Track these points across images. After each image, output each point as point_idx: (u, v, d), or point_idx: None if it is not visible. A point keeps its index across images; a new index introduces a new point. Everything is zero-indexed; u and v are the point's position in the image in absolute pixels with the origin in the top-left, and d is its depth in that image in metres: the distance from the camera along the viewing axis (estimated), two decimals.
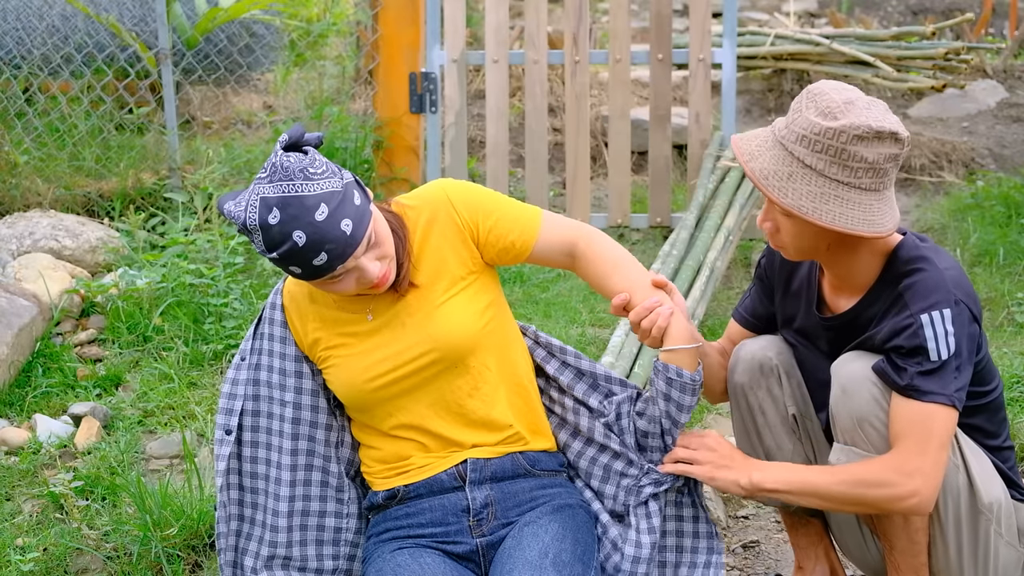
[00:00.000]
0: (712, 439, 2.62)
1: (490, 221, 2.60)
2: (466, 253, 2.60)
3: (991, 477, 2.60)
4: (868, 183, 2.44)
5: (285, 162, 2.40)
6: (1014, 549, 2.63)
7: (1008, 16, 9.64)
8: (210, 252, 5.11)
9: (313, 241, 2.38)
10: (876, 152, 2.42)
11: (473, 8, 8.75)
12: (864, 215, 2.44)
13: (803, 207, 2.44)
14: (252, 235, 2.42)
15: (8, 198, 5.86)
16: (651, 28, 6.10)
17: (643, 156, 6.84)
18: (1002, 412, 2.70)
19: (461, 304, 2.58)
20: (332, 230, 2.39)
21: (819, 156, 2.43)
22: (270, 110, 7.38)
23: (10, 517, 3.48)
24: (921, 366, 2.46)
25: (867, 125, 2.40)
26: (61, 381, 4.36)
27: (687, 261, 4.77)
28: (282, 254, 2.40)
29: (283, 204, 2.38)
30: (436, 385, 2.58)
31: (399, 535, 2.60)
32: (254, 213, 2.40)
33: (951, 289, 2.48)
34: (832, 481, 2.52)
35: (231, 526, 2.68)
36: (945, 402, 2.46)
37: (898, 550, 2.61)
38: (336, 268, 2.42)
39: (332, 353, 2.61)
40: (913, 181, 6.97)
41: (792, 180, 2.45)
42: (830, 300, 2.69)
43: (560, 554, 2.46)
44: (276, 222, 2.38)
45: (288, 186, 2.39)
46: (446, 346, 2.55)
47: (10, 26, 6.88)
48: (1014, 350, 4.50)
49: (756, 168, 2.48)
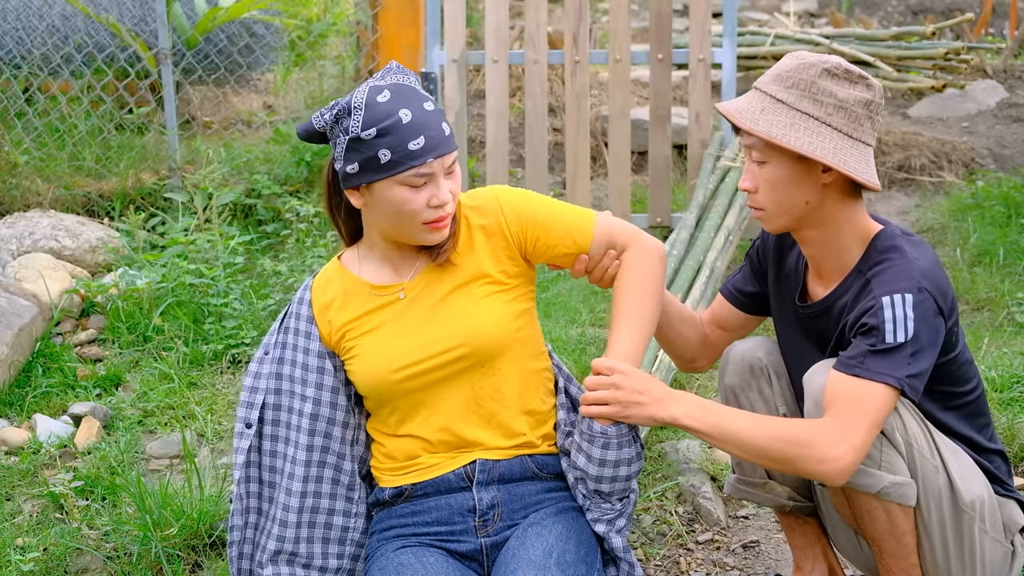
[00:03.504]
0: (619, 376, 2.52)
1: (539, 231, 2.61)
2: (508, 261, 2.61)
3: (971, 475, 2.60)
4: (839, 123, 2.49)
5: (398, 67, 2.54)
6: (999, 544, 2.64)
7: (1008, 16, 9.64)
8: (210, 252, 5.11)
9: (418, 122, 2.44)
10: (847, 92, 2.49)
11: (473, 8, 8.75)
12: (836, 151, 2.48)
13: (772, 133, 2.48)
14: (350, 116, 2.45)
15: (8, 198, 5.86)
16: (651, 28, 6.10)
17: (643, 156, 6.85)
18: (984, 415, 2.69)
19: (498, 305, 2.58)
20: (436, 121, 2.46)
21: (790, 91, 2.50)
22: (270, 110, 7.38)
23: (10, 517, 3.48)
24: (874, 346, 2.46)
25: (836, 62, 2.50)
26: (61, 381, 4.36)
27: (687, 261, 4.77)
28: (381, 129, 2.43)
29: (395, 88, 2.47)
30: (459, 382, 2.57)
31: (403, 533, 2.60)
32: (362, 95, 2.46)
33: (917, 277, 2.48)
34: (755, 433, 2.48)
35: (248, 519, 2.67)
36: (892, 384, 2.44)
37: (888, 553, 2.61)
38: (427, 159, 2.44)
39: (359, 342, 2.59)
40: (913, 181, 6.97)
41: (764, 113, 2.51)
42: (811, 289, 2.70)
43: (564, 555, 2.46)
44: (385, 100, 2.45)
45: (403, 78, 2.52)
46: (478, 343, 2.55)
47: (10, 26, 6.88)
48: (1014, 350, 4.50)
49: (731, 107, 2.55)
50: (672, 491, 3.62)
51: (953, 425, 2.63)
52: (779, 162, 2.52)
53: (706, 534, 3.48)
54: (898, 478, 2.52)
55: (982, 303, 5.19)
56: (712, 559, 3.37)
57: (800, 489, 2.87)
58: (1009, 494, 2.69)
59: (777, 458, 2.48)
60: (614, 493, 2.55)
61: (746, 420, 2.52)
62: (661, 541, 3.43)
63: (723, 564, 3.35)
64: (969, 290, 5.29)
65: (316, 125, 2.52)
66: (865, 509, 2.57)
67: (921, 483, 2.55)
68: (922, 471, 2.55)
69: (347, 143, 2.46)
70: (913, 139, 7.18)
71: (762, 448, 2.48)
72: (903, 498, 2.53)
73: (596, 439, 2.50)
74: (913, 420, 2.56)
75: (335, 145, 2.51)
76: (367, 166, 2.46)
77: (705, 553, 3.40)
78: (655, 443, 3.85)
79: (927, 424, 2.59)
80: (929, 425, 2.59)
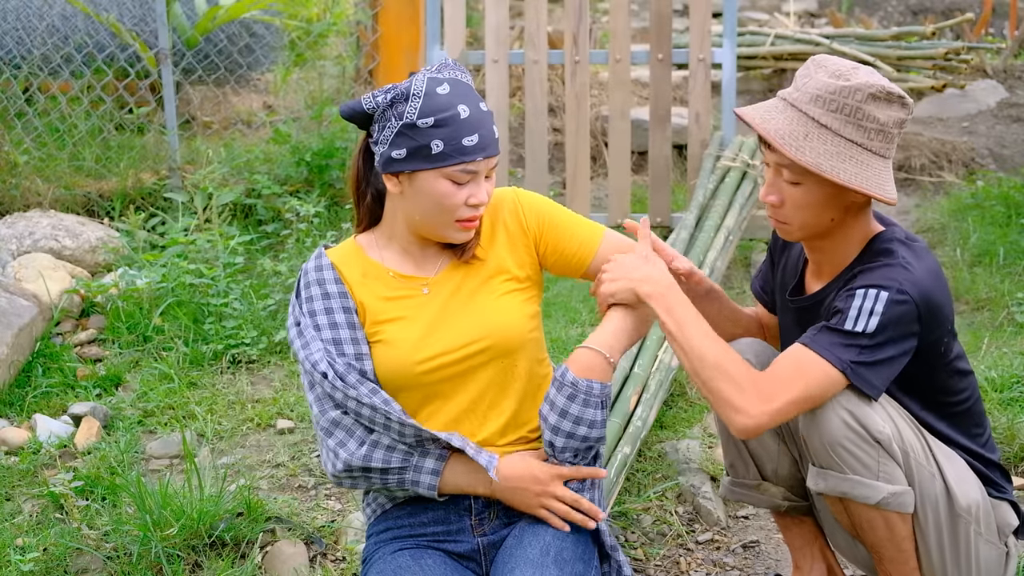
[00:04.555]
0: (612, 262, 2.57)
1: (554, 230, 2.64)
2: (527, 257, 2.63)
3: (967, 479, 2.61)
4: (878, 147, 2.48)
5: (454, 64, 2.56)
6: (995, 547, 2.64)
7: (1008, 16, 9.64)
8: (210, 252, 5.11)
9: (474, 119, 2.46)
10: (887, 114, 2.46)
11: (473, 8, 8.75)
12: (877, 179, 2.47)
13: (822, 165, 2.44)
14: (407, 102, 2.46)
15: (8, 198, 5.86)
16: (651, 28, 6.10)
17: (643, 156, 6.85)
18: (979, 424, 2.69)
19: (517, 303, 2.60)
20: (489, 123, 2.50)
21: (834, 115, 2.46)
22: (270, 110, 7.38)
23: (10, 517, 3.48)
24: (831, 326, 2.47)
25: (880, 85, 2.46)
26: (61, 381, 4.36)
27: None
28: (440, 120, 2.44)
29: (455, 83, 2.50)
30: (476, 376, 2.57)
31: (400, 535, 2.60)
32: (421, 84, 2.48)
33: (901, 280, 2.47)
34: (703, 350, 2.48)
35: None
36: (834, 363, 2.44)
37: (887, 559, 2.61)
38: (478, 157, 2.46)
39: (382, 328, 2.58)
40: (913, 181, 6.97)
41: (809, 140, 2.46)
42: (808, 283, 2.72)
43: (561, 552, 2.46)
44: (445, 92, 2.47)
45: (460, 75, 2.53)
46: (499, 338, 2.56)
47: (10, 26, 6.88)
48: (1014, 350, 4.50)
49: (771, 129, 2.48)
50: (672, 491, 3.62)
51: (944, 431, 2.63)
52: (815, 185, 2.50)
53: (706, 534, 3.48)
54: (896, 488, 2.52)
55: (982, 303, 5.19)
56: (712, 559, 3.37)
57: (795, 489, 2.87)
58: (1002, 496, 2.69)
59: (706, 379, 2.49)
60: (566, 450, 2.53)
61: (704, 336, 2.51)
62: (661, 541, 3.43)
63: (723, 564, 3.35)
64: (969, 290, 5.29)
65: (365, 106, 2.51)
66: (864, 519, 2.57)
67: (918, 490, 2.55)
68: (919, 478, 2.55)
69: (399, 128, 2.46)
70: (913, 139, 7.19)
71: (699, 369, 2.49)
72: (902, 507, 2.53)
73: (564, 388, 2.49)
74: (908, 428, 2.56)
75: (383, 128, 2.50)
76: (416, 154, 2.46)
77: (705, 553, 3.40)
78: (655, 443, 3.85)
79: (922, 431, 2.59)
80: (924, 432, 2.60)
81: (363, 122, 2.55)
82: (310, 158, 6.07)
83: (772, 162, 2.55)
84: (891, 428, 2.51)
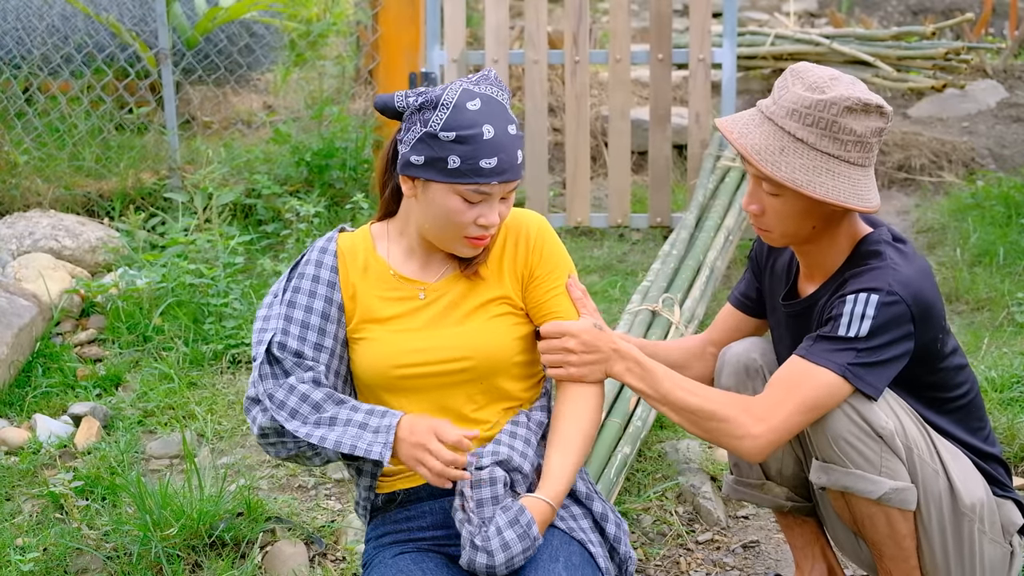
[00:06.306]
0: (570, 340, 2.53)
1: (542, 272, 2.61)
2: (519, 286, 2.62)
3: (971, 477, 2.61)
4: (856, 157, 2.48)
5: (495, 79, 2.51)
6: (999, 545, 2.64)
7: (1008, 16, 9.64)
8: (210, 252, 5.11)
9: (497, 142, 2.43)
10: (864, 125, 2.46)
11: (473, 8, 8.75)
12: (854, 189, 2.48)
13: (797, 180, 2.46)
14: (435, 110, 2.44)
15: (8, 198, 5.86)
16: (651, 28, 6.10)
17: (643, 156, 6.85)
18: (979, 419, 2.70)
19: (507, 326, 2.58)
20: (513, 147, 2.46)
21: (810, 129, 2.46)
22: (270, 110, 7.38)
23: (10, 517, 3.48)
24: (825, 334, 2.49)
25: (856, 97, 2.45)
26: (61, 381, 4.36)
27: (687, 261, 4.77)
28: (461, 136, 2.42)
29: (487, 100, 2.46)
30: (452, 392, 2.57)
31: (400, 539, 2.59)
32: (453, 95, 2.45)
33: (890, 282, 2.49)
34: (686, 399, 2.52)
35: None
36: (833, 369, 2.47)
37: (888, 557, 2.61)
38: (493, 180, 2.44)
39: (369, 327, 2.57)
40: (913, 181, 6.97)
41: (784, 154, 2.48)
42: (801, 287, 2.72)
43: (571, 557, 2.46)
44: (475, 109, 2.44)
45: (496, 92, 2.49)
46: (483, 359, 2.55)
47: (10, 26, 6.88)
48: (1014, 350, 4.50)
49: (748, 144, 2.50)
50: (672, 491, 3.62)
51: (946, 428, 2.64)
52: (793, 197, 2.52)
53: (706, 534, 3.48)
54: (898, 483, 2.52)
55: (982, 303, 5.19)
56: (712, 559, 3.37)
57: (798, 489, 2.87)
58: (1007, 495, 2.69)
59: (702, 427, 2.53)
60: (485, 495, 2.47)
61: (681, 385, 2.55)
62: (661, 541, 3.43)
63: (723, 564, 3.35)
64: (969, 290, 5.29)
65: (397, 104, 2.50)
66: (865, 514, 2.57)
67: (921, 487, 2.55)
68: (922, 475, 2.55)
69: (422, 134, 2.45)
70: (913, 139, 7.19)
71: (691, 414, 2.53)
72: (903, 503, 2.54)
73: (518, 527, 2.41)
74: (913, 424, 2.56)
75: (408, 129, 2.49)
76: (432, 164, 2.45)
77: (705, 553, 3.40)
78: (655, 443, 3.85)
79: (926, 428, 2.59)
80: (929, 429, 2.60)
81: (394, 116, 2.55)
82: (310, 158, 6.07)
83: (751, 174, 2.57)
84: (894, 423, 2.52)
